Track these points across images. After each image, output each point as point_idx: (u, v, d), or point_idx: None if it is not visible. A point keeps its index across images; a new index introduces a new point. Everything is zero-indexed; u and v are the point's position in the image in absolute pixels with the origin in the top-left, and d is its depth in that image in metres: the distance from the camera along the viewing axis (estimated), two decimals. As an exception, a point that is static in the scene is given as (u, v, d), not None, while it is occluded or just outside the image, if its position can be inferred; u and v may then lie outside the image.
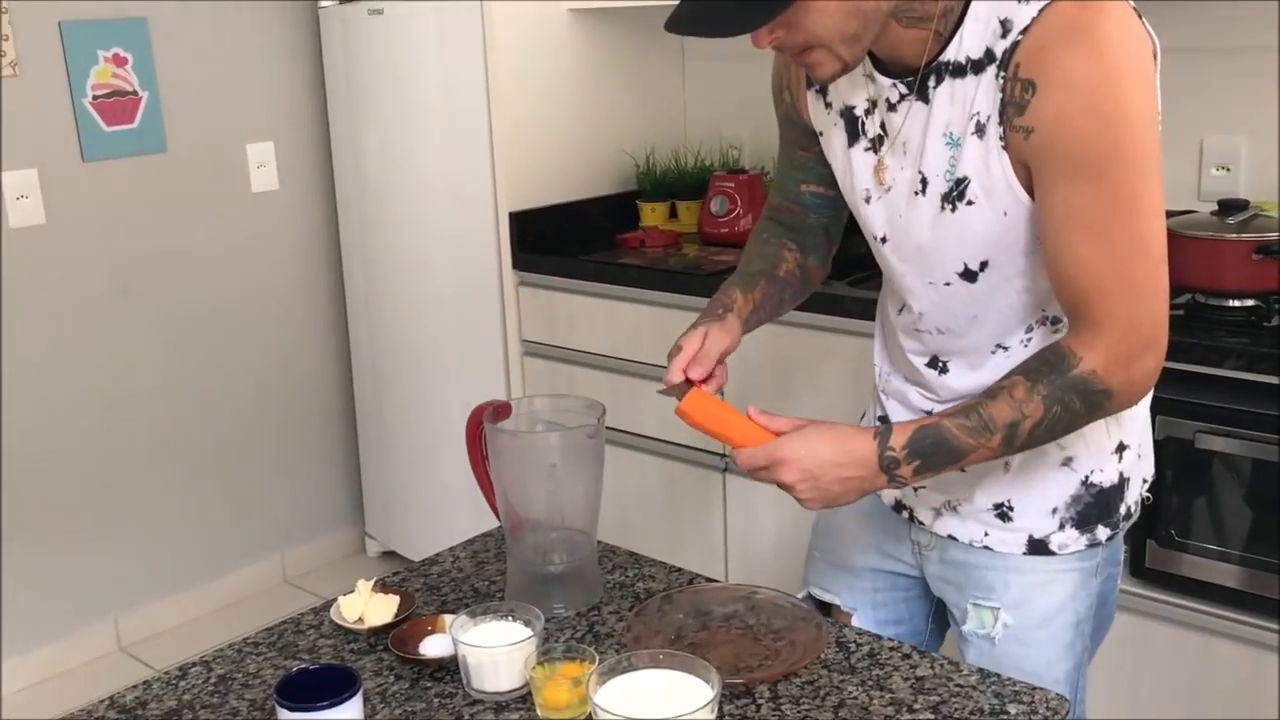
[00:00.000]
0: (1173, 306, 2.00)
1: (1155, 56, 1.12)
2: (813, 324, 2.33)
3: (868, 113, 1.27)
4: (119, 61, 2.83)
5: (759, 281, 1.45)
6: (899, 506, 1.43)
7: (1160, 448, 1.93)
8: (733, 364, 1.39)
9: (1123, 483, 1.33)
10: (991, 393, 1.17)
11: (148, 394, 3.00)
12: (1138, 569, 2.00)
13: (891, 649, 1.25)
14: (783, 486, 1.22)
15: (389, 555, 3.42)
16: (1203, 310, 2.00)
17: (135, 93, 2.87)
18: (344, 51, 3.05)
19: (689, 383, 1.32)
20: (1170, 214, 2.12)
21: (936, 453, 1.17)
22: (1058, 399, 1.14)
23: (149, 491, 3.03)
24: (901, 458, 1.18)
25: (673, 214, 3.02)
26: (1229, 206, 2.02)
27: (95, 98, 2.80)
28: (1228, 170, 2.32)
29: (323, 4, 3.09)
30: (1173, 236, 2.00)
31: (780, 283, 1.47)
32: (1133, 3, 1.12)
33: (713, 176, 2.88)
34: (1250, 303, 1.97)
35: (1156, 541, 1.97)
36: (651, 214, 2.99)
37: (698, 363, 1.33)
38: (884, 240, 1.30)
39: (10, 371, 2.74)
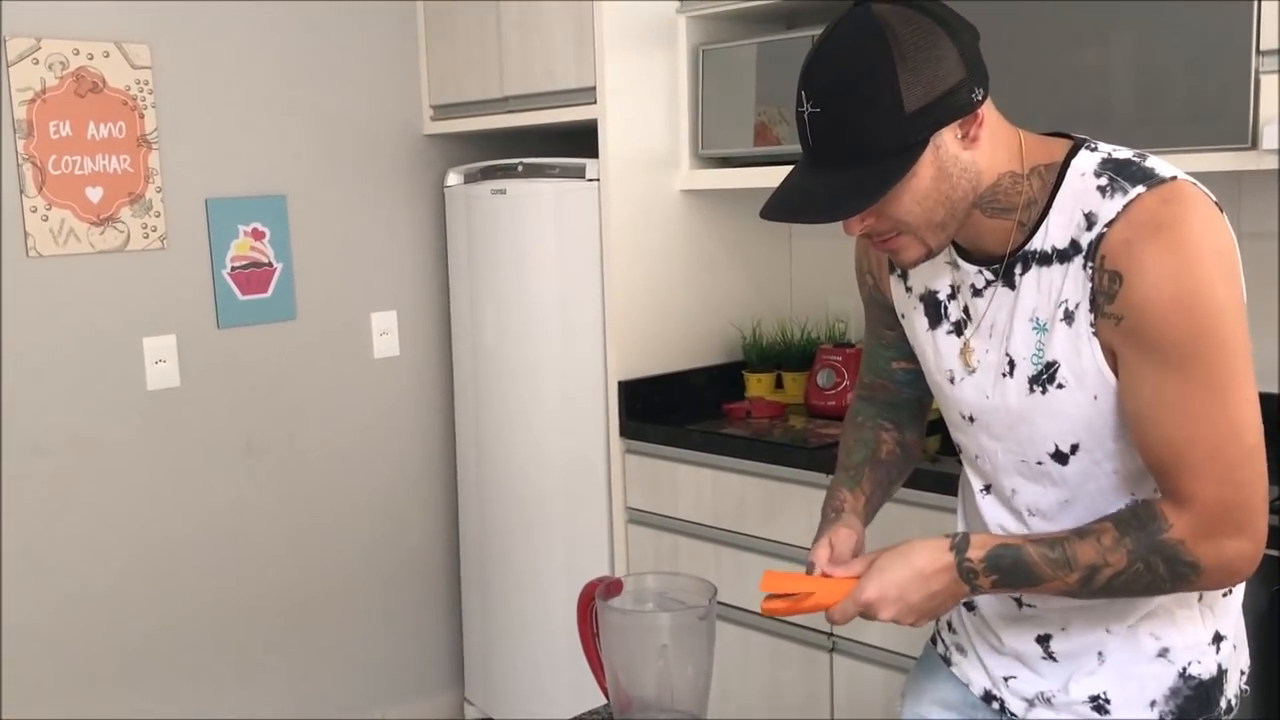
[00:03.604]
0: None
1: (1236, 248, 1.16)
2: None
3: (950, 297, 1.32)
4: (257, 235, 3.02)
5: (864, 472, 1.48)
6: (989, 697, 1.40)
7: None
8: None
9: (1221, 675, 1.30)
10: (1080, 532, 1.18)
11: (260, 550, 3.08)
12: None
13: None
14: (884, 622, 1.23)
15: (487, 722, 3.40)
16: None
17: (270, 264, 3.05)
18: (466, 227, 3.21)
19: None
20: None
21: (1014, 573, 1.19)
22: (1142, 557, 1.15)
23: (253, 646, 3.08)
24: (980, 569, 1.19)
25: (778, 385, 3.05)
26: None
27: (233, 269, 2.98)
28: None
29: (449, 184, 3.26)
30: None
31: (884, 466, 1.50)
32: (1214, 197, 1.16)
33: (819, 349, 2.92)
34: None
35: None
36: (757, 384, 3.03)
37: (834, 563, 1.32)
38: (971, 419, 1.33)
39: (134, 526, 2.85)
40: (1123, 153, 1.21)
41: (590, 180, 2.86)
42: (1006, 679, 1.37)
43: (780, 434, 2.69)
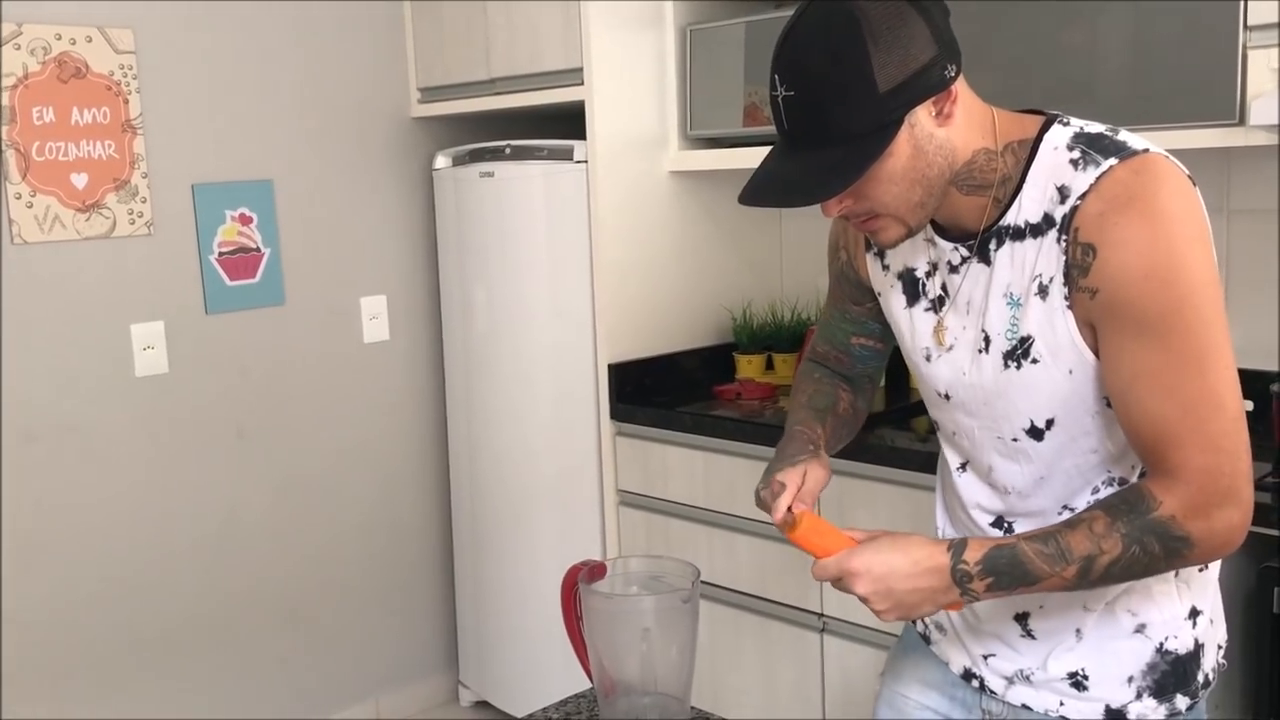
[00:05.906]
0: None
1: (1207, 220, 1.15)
2: (866, 474, 2.35)
3: (929, 274, 1.32)
4: (245, 220, 3.00)
5: (827, 417, 1.49)
6: (968, 675, 1.40)
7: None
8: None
9: (1198, 649, 1.30)
10: (1071, 523, 1.17)
11: (253, 536, 3.08)
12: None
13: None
14: (858, 597, 1.21)
15: (481, 705, 3.40)
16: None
17: (258, 249, 3.03)
18: (455, 211, 3.19)
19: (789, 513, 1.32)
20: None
21: (1010, 573, 1.17)
22: (1136, 539, 1.14)
23: (246, 632, 3.09)
24: (974, 573, 1.17)
25: (769, 366, 3.04)
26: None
27: (221, 254, 2.96)
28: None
29: (436, 167, 3.25)
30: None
31: (840, 420, 1.51)
32: (1186, 169, 1.16)
33: (809, 330, 2.91)
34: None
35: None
36: (748, 366, 3.02)
37: (800, 500, 1.34)
38: (947, 397, 1.33)
39: (125, 513, 2.85)
40: (1095, 127, 1.20)
41: (579, 162, 2.84)
42: (986, 657, 1.37)
43: (771, 415, 2.68)
